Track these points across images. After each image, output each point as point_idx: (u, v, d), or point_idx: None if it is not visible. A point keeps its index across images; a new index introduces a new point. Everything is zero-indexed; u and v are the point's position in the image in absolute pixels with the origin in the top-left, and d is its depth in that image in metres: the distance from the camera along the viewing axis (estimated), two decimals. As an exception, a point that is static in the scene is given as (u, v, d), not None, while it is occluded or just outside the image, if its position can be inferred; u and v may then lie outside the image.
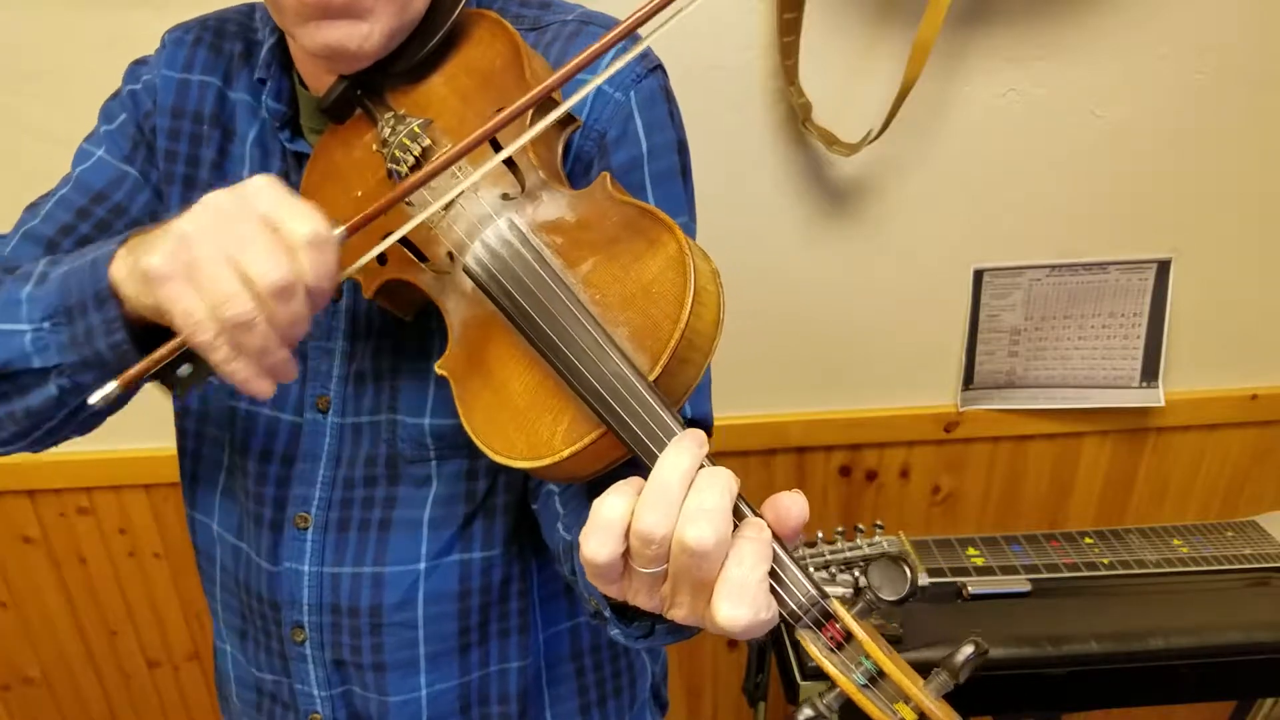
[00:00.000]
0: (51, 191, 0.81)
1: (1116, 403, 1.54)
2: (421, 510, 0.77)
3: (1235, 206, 1.45)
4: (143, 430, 1.41)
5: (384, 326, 0.75)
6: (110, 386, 0.58)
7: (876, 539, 1.39)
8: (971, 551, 1.40)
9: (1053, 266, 1.47)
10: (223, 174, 0.79)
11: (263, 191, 0.56)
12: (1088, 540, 1.43)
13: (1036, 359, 1.53)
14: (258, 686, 0.86)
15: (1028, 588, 1.31)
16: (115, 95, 0.82)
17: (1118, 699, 1.33)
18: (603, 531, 0.50)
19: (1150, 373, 1.52)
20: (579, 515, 0.67)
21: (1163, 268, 1.47)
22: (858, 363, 1.53)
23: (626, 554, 0.51)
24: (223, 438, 0.81)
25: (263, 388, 0.57)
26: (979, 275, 1.47)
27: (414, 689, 0.81)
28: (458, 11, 0.69)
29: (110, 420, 0.90)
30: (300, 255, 0.55)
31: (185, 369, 0.60)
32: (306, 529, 0.78)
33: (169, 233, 0.56)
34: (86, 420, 0.70)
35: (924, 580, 1.28)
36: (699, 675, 1.81)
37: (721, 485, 0.49)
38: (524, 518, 0.80)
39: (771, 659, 1.44)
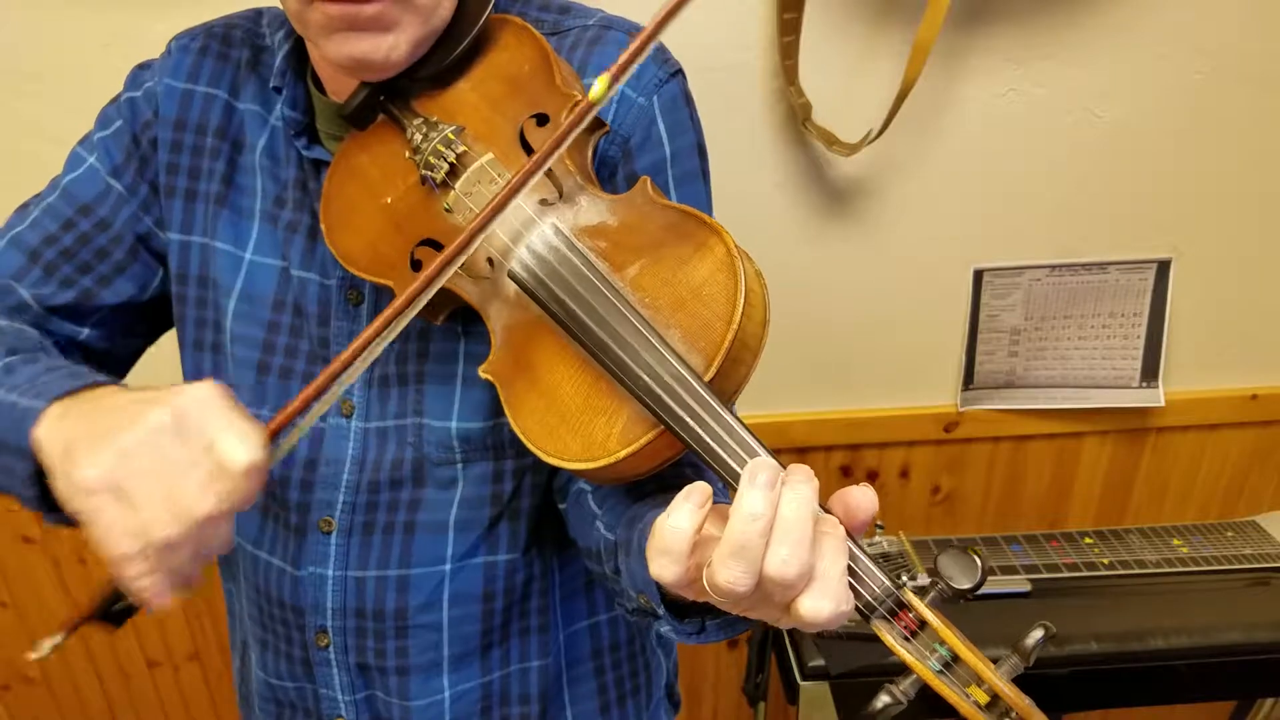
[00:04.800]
0: (41, 195, 0.81)
1: (1116, 403, 1.54)
2: (447, 513, 0.77)
3: (1235, 206, 1.45)
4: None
5: (409, 330, 0.75)
6: (56, 639, 0.59)
7: (876, 539, 1.39)
8: (971, 551, 1.40)
9: (1053, 266, 1.47)
10: (233, 186, 0.78)
11: (205, 407, 0.55)
12: (1088, 540, 1.43)
13: (1036, 359, 1.53)
14: (276, 697, 0.86)
15: (1028, 588, 1.31)
16: (114, 100, 0.82)
17: (1118, 699, 1.33)
18: (667, 555, 0.51)
19: (1150, 373, 1.52)
20: (619, 514, 0.67)
21: (1163, 268, 1.47)
22: (858, 363, 1.53)
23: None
24: None
25: (167, 603, 0.56)
26: (979, 275, 1.47)
27: (437, 691, 0.81)
28: (484, 17, 0.69)
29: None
30: (235, 484, 0.54)
31: (122, 603, 0.61)
32: (331, 533, 0.78)
33: (104, 438, 0.54)
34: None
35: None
36: (699, 675, 1.81)
37: (804, 514, 0.49)
38: (547, 518, 0.80)
39: (772, 659, 1.44)
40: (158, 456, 0.53)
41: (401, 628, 0.79)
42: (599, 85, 0.54)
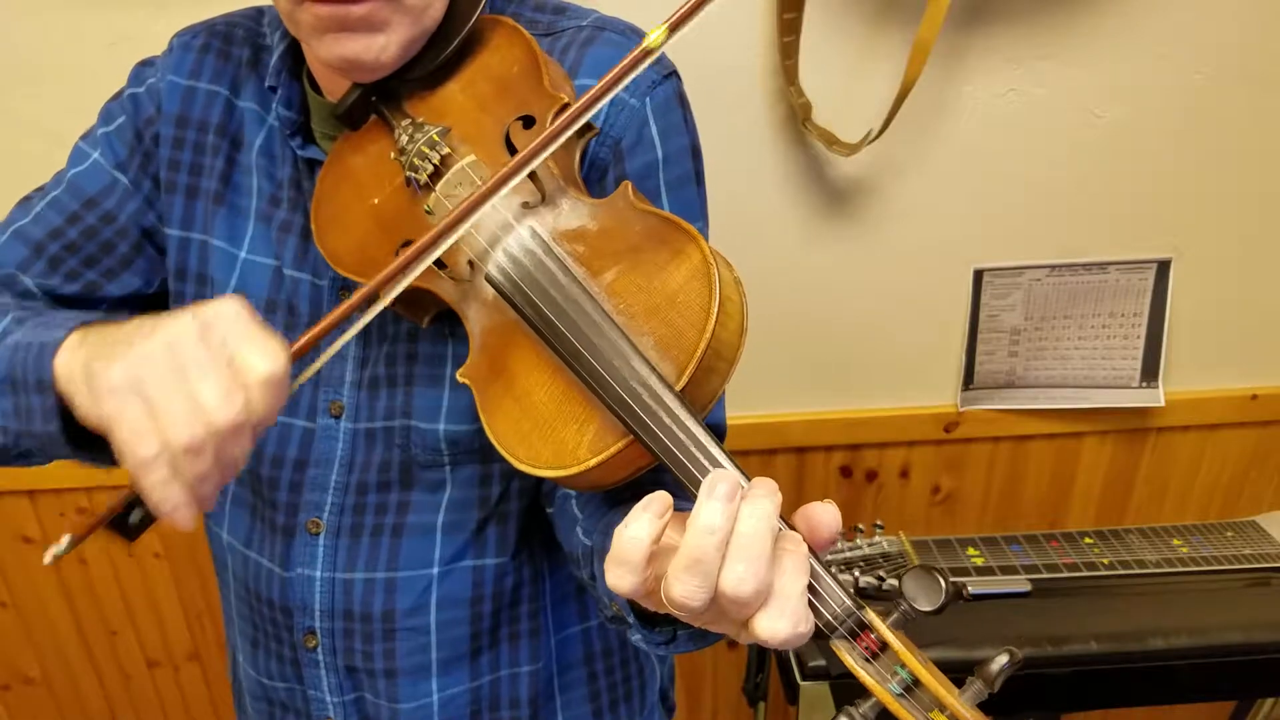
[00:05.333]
0: (44, 189, 0.80)
1: (1116, 403, 1.54)
2: (435, 515, 0.77)
3: (1235, 206, 1.45)
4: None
5: (398, 332, 0.75)
6: (63, 543, 0.58)
7: (876, 539, 1.39)
8: (971, 551, 1.40)
9: (1053, 266, 1.47)
10: (231, 184, 0.78)
11: (227, 319, 0.55)
12: (1088, 540, 1.43)
13: (1036, 359, 1.53)
14: (268, 696, 0.86)
15: (1028, 588, 1.31)
16: (116, 96, 0.81)
17: (1118, 699, 1.33)
18: (623, 565, 0.50)
19: (1150, 373, 1.52)
20: (598, 520, 0.67)
21: (1163, 268, 1.47)
22: (858, 363, 1.53)
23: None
24: None
25: (188, 518, 0.55)
26: (979, 275, 1.47)
27: (425, 694, 0.81)
28: (475, 18, 0.68)
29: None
30: (254, 394, 0.53)
31: (136, 514, 0.60)
32: (319, 534, 0.78)
33: (126, 347, 0.55)
34: (31, 462, 0.71)
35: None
36: (699, 675, 1.81)
37: (762, 530, 0.48)
38: (537, 522, 0.80)
39: (771, 659, 1.44)
40: (181, 361, 0.53)
41: (389, 630, 0.78)
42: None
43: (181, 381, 0.52)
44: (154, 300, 0.83)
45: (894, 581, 0.53)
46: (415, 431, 0.75)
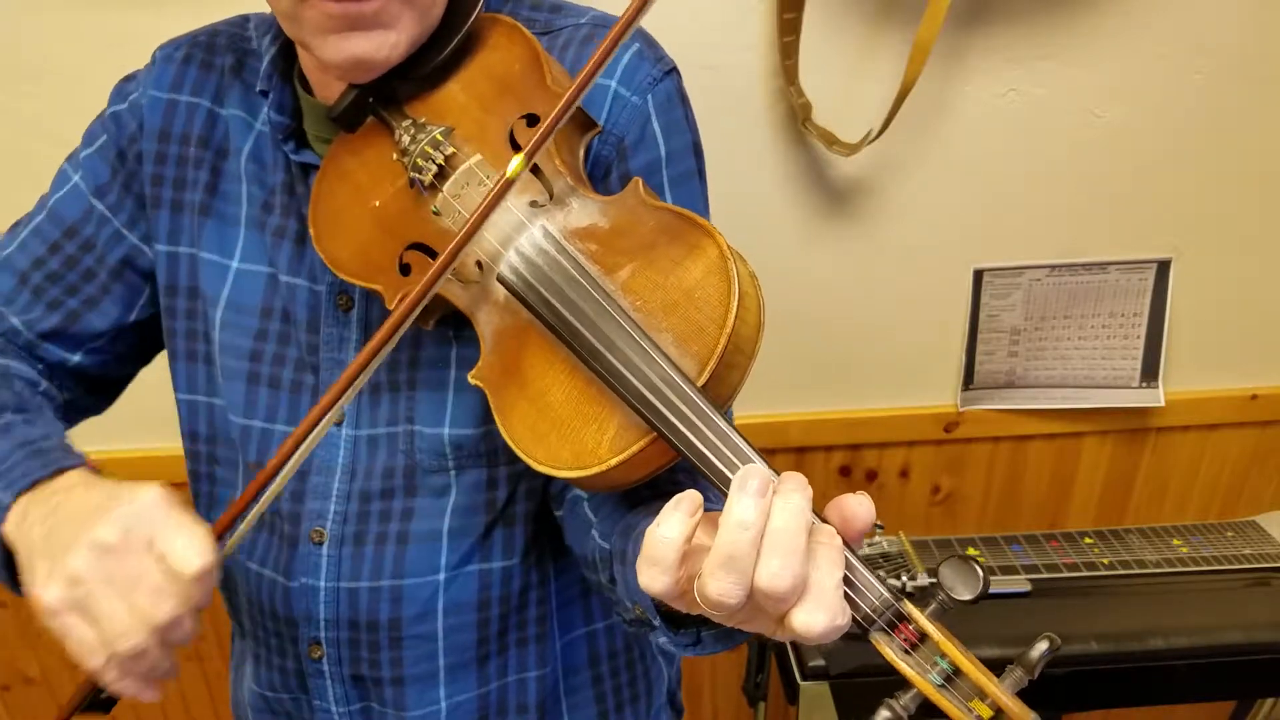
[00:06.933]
0: (31, 214, 0.81)
1: (1116, 403, 1.54)
2: (440, 521, 0.76)
3: (1235, 206, 1.45)
4: (143, 430, 1.41)
5: (400, 336, 0.74)
6: None
7: (876, 539, 1.39)
8: (971, 551, 1.40)
9: (1053, 266, 1.47)
10: (218, 194, 0.78)
11: (150, 516, 0.58)
12: (1088, 540, 1.43)
13: (1036, 359, 1.53)
14: (271, 708, 0.85)
15: (1028, 588, 1.31)
16: (100, 116, 0.81)
17: (1118, 699, 1.33)
18: (656, 565, 0.49)
19: (1150, 373, 1.52)
20: (615, 522, 0.66)
21: (1163, 268, 1.47)
22: (858, 363, 1.53)
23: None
24: (235, 457, 0.80)
25: (151, 696, 0.61)
26: (979, 275, 1.47)
27: (433, 702, 0.80)
28: (474, 16, 0.67)
29: (110, 420, 0.90)
30: (188, 587, 0.57)
31: (107, 693, 0.64)
32: (322, 544, 0.77)
33: (61, 562, 0.57)
34: None
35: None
36: (699, 675, 1.81)
37: (795, 524, 0.48)
38: (543, 525, 0.79)
39: (772, 659, 1.44)
40: (111, 572, 0.57)
41: (396, 638, 0.77)
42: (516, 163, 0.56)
43: (116, 594, 0.57)
44: (137, 330, 0.83)
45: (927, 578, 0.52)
46: (419, 436, 0.74)
